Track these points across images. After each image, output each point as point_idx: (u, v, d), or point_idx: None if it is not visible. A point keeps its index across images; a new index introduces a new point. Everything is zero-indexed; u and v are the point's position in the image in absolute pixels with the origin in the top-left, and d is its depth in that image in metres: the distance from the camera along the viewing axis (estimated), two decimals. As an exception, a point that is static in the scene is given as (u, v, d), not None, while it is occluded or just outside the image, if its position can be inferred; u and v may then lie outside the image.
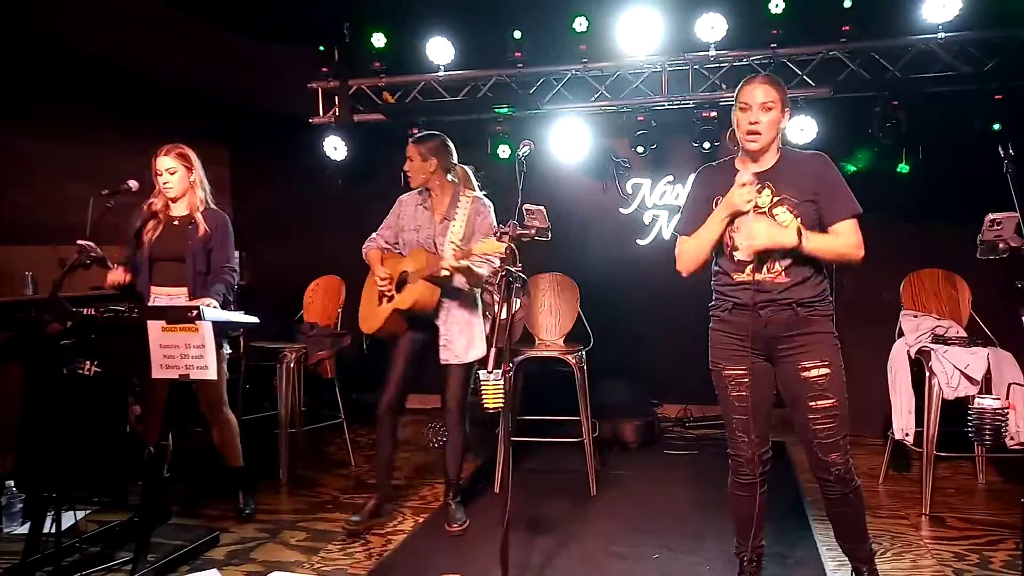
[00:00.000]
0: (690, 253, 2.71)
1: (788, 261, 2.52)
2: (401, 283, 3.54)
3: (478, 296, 3.64)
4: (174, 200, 3.57)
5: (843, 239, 2.52)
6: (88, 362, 3.02)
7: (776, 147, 2.63)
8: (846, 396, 2.57)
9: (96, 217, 3.36)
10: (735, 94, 2.61)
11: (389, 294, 3.55)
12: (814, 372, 2.54)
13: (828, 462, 2.56)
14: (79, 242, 3.21)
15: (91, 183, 3.59)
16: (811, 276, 2.55)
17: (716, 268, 2.73)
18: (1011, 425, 3.46)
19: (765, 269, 2.54)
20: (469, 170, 3.76)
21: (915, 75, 4.77)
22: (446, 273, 3.36)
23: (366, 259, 3.72)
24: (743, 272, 2.58)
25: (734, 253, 2.59)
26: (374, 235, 3.75)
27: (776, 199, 2.55)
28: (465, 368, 3.56)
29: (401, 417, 3.74)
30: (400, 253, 3.67)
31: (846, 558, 2.80)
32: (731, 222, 2.58)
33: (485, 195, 3.67)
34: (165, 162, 3.52)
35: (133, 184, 3.47)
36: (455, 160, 3.69)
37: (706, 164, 2.83)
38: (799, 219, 2.50)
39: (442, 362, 3.55)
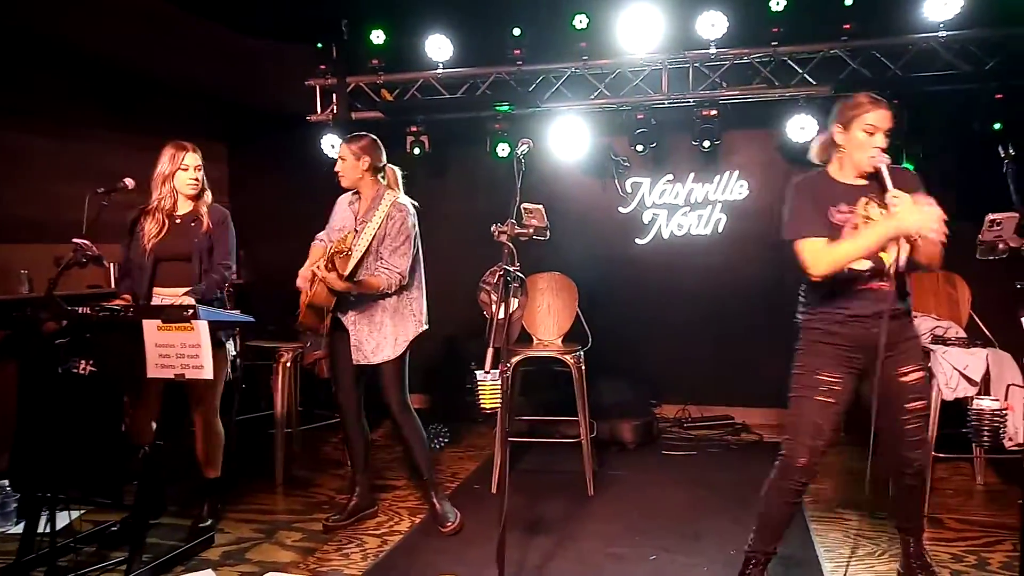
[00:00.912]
0: (842, 257, 2.59)
1: (896, 268, 2.58)
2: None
3: (391, 297, 3.54)
4: (194, 198, 3.51)
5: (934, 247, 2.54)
6: (83, 361, 3.00)
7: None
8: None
9: (92, 215, 3.34)
10: (851, 113, 2.65)
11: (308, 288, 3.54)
12: (912, 376, 2.66)
13: (911, 459, 2.69)
14: (75, 240, 3.18)
15: (87, 181, 3.56)
16: (906, 284, 2.68)
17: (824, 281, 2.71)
18: (1009, 426, 3.45)
19: (884, 276, 2.62)
20: (398, 171, 3.76)
21: (916, 74, 4.76)
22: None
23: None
24: (863, 281, 2.64)
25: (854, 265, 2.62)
26: (322, 233, 3.79)
27: (885, 212, 2.59)
28: (391, 365, 3.53)
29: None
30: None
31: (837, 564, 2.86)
32: (840, 231, 2.62)
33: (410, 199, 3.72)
34: (194, 158, 3.46)
35: (129, 182, 3.44)
36: (384, 161, 3.68)
37: (801, 176, 2.83)
38: None
39: (354, 362, 3.56)
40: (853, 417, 2.92)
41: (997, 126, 4.59)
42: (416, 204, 3.69)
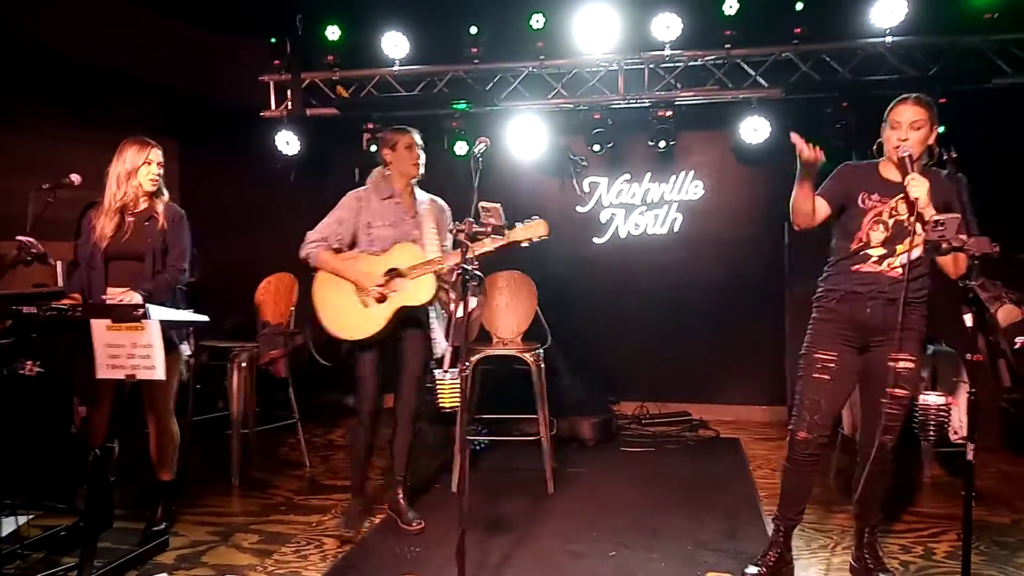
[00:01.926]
0: (793, 199, 2.82)
1: (906, 261, 2.72)
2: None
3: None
4: (151, 195, 3.40)
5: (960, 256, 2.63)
6: (29, 362, 2.91)
7: (920, 164, 2.78)
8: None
9: (37, 212, 3.24)
10: (886, 112, 2.84)
11: (390, 292, 3.44)
12: (902, 364, 2.78)
13: (882, 442, 2.80)
14: (19, 238, 3.09)
15: (32, 176, 3.46)
16: (922, 276, 2.80)
17: (834, 258, 2.94)
18: (954, 421, 3.57)
19: (887, 263, 2.78)
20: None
21: (864, 77, 4.89)
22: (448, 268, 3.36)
23: (315, 262, 3.56)
24: (866, 264, 2.81)
25: (863, 248, 2.81)
26: (316, 236, 3.57)
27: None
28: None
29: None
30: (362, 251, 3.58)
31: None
32: (864, 215, 2.80)
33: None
34: (159, 154, 3.37)
35: (75, 178, 3.32)
36: None
37: (847, 162, 3.02)
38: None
39: (435, 356, 3.53)
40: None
41: (941, 129, 4.73)
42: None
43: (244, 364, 4.36)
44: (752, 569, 3.04)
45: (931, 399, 3.24)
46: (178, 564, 3.26)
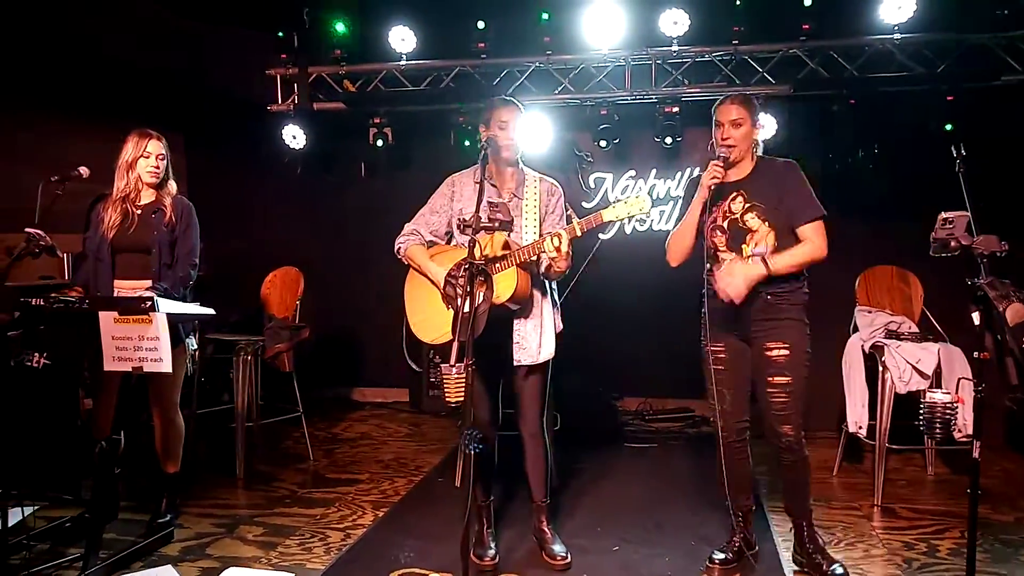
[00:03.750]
0: (673, 242, 3.08)
1: (762, 253, 2.85)
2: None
3: (549, 287, 3.20)
4: (155, 187, 3.42)
5: (807, 245, 2.83)
6: (36, 354, 2.92)
7: (751, 157, 2.97)
8: (804, 377, 2.89)
9: (45, 204, 3.24)
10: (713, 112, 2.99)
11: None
12: (776, 352, 2.87)
13: (780, 432, 2.91)
14: (27, 230, 3.09)
15: (40, 169, 3.46)
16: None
17: (706, 265, 3.01)
18: (959, 419, 3.56)
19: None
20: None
21: (872, 74, 4.87)
22: (553, 253, 2.89)
23: (406, 258, 3.17)
24: (720, 266, 2.93)
25: (717, 254, 2.96)
26: (411, 227, 3.20)
27: (747, 206, 2.90)
28: (542, 369, 3.17)
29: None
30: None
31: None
32: (706, 210, 2.93)
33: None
34: (156, 146, 3.37)
35: (84, 171, 3.33)
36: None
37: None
38: (767, 223, 2.86)
39: (515, 363, 3.09)
40: (820, 413, 3.03)
41: (949, 127, 4.72)
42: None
43: (249, 358, 4.37)
44: (719, 555, 3.11)
45: (937, 396, 3.25)
46: (183, 556, 3.27)
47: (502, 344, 3.10)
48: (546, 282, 3.17)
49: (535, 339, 3.10)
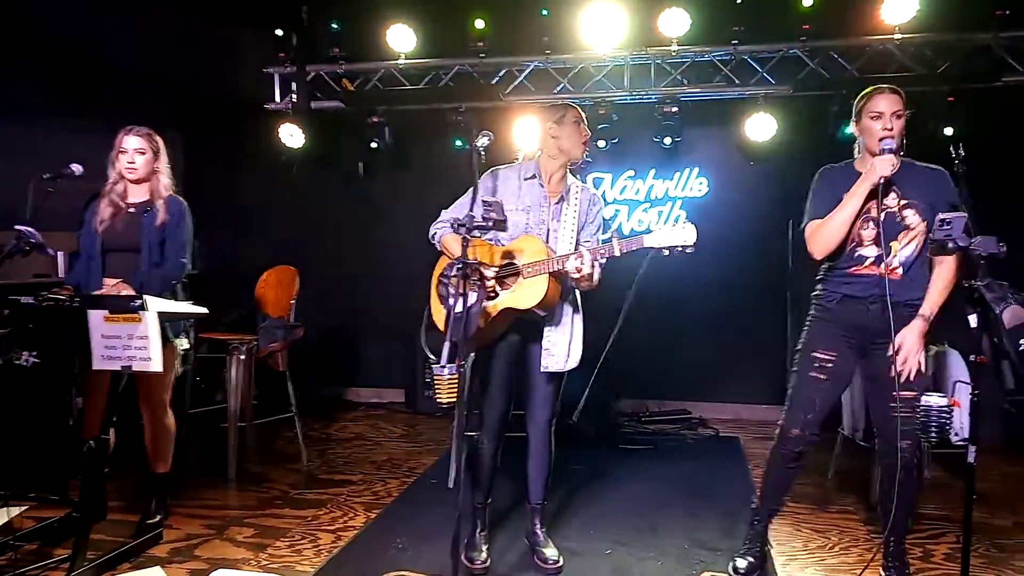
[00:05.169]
0: (829, 231, 2.78)
1: (904, 260, 2.73)
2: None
3: (578, 295, 3.17)
4: (137, 183, 3.40)
5: (945, 276, 2.70)
6: (25, 353, 2.90)
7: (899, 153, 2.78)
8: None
9: (37, 201, 3.22)
10: (859, 104, 2.80)
11: (502, 289, 2.96)
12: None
13: (902, 448, 2.72)
14: (17, 227, 3.07)
15: (32, 166, 3.43)
16: (922, 278, 2.75)
17: (828, 263, 2.89)
18: (955, 422, 3.53)
19: (884, 264, 2.71)
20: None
21: (872, 75, 4.83)
22: (576, 274, 2.84)
23: (441, 244, 3.10)
24: (863, 266, 2.77)
25: (856, 249, 2.78)
26: (446, 216, 3.10)
27: (904, 202, 2.74)
28: (561, 378, 3.17)
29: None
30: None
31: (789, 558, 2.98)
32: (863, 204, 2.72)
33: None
34: (133, 141, 3.35)
35: (76, 168, 3.30)
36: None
37: (827, 165, 2.96)
38: (925, 223, 2.69)
39: (542, 370, 3.07)
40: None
41: (949, 128, 4.69)
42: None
43: (243, 357, 4.34)
44: (742, 562, 3.03)
45: (933, 400, 3.20)
46: (171, 557, 3.24)
47: (526, 348, 3.11)
48: (576, 291, 3.14)
49: (564, 347, 3.07)
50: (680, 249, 2.85)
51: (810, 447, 2.91)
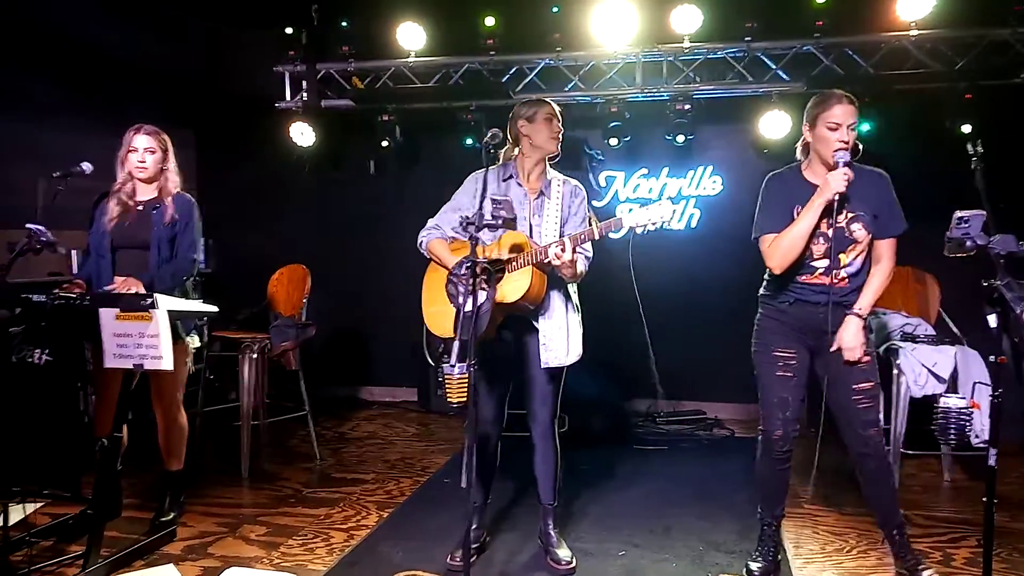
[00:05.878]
0: (786, 248, 2.79)
1: (851, 270, 2.81)
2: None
3: (572, 290, 3.18)
4: (146, 182, 3.40)
5: (881, 273, 2.81)
6: (38, 351, 2.91)
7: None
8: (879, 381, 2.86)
9: (48, 200, 3.23)
10: (815, 111, 2.77)
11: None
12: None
13: (867, 437, 2.79)
14: (28, 226, 3.08)
15: (44, 165, 3.45)
16: (863, 283, 2.84)
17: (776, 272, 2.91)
18: (975, 424, 3.48)
19: (833, 275, 2.79)
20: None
21: (888, 71, 4.78)
22: (556, 261, 2.83)
23: (428, 251, 3.14)
24: (813, 275, 2.83)
25: (808, 260, 2.82)
26: (434, 222, 3.15)
27: (851, 215, 2.78)
28: (559, 371, 3.12)
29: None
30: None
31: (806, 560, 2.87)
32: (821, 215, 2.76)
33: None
34: (143, 140, 3.36)
35: (87, 167, 3.32)
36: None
37: (774, 173, 2.99)
38: (870, 236, 2.79)
39: (543, 366, 3.04)
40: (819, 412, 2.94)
41: (966, 125, 4.62)
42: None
43: (255, 356, 4.34)
44: (756, 565, 3.01)
45: (952, 402, 3.17)
46: (185, 555, 3.24)
47: (523, 347, 3.10)
48: (568, 284, 3.12)
49: (562, 341, 3.05)
50: (658, 226, 2.96)
51: (793, 443, 2.93)
